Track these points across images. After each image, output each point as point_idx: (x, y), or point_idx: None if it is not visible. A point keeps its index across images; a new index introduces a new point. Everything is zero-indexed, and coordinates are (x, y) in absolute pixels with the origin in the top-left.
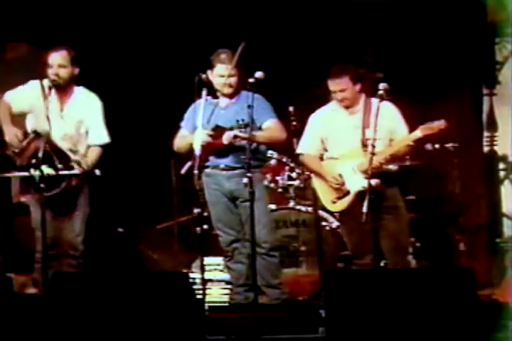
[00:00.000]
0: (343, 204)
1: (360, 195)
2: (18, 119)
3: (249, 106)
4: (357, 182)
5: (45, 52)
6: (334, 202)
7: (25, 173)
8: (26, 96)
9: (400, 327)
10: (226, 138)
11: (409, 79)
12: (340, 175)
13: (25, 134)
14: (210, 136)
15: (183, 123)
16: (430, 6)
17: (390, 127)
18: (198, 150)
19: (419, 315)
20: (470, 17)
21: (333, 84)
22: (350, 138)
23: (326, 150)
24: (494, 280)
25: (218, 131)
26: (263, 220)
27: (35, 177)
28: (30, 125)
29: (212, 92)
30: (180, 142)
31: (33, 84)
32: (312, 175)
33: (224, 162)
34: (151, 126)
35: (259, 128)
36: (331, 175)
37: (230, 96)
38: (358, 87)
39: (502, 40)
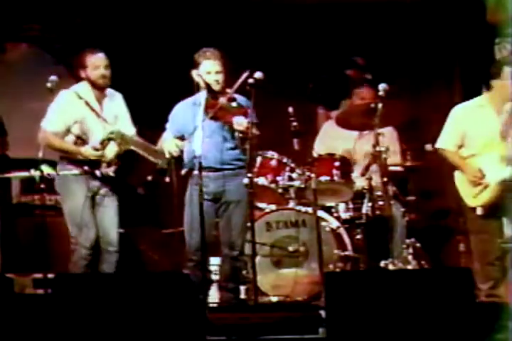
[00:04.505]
0: (483, 198)
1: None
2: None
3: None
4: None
5: (80, 54)
6: (475, 197)
7: (26, 173)
8: (67, 111)
9: (400, 327)
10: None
11: (409, 79)
12: (480, 170)
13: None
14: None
15: (168, 125)
16: (430, 6)
17: None
18: (198, 151)
19: (419, 315)
20: (470, 17)
21: None
22: (489, 134)
23: (461, 146)
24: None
25: None
26: (239, 224)
27: (35, 178)
28: (75, 132)
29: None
30: (161, 145)
31: (67, 96)
32: (457, 171)
33: (208, 163)
34: (151, 126)
35: None
36: (473, 170)
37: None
38: None
39: (502, 41)
